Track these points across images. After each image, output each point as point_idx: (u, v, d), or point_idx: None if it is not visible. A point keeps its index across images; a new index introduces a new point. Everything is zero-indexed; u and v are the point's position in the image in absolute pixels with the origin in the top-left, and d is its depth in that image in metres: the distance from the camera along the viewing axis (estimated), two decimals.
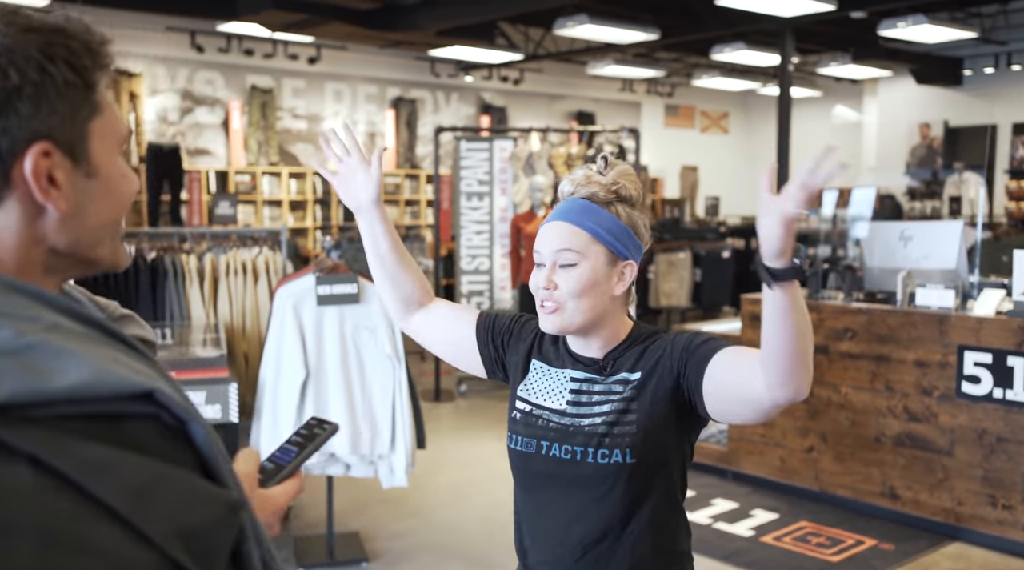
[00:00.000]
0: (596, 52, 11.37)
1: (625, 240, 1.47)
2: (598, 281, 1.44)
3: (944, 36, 9.81)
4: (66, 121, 0.79)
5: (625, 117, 14.55)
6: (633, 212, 1.49)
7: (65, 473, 0.61)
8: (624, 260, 1.47)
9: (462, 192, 7.11)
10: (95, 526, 0.61)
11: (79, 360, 0.66)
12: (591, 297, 1.44)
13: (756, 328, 4.87)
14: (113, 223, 0.85)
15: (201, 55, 10.14)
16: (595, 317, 1.46)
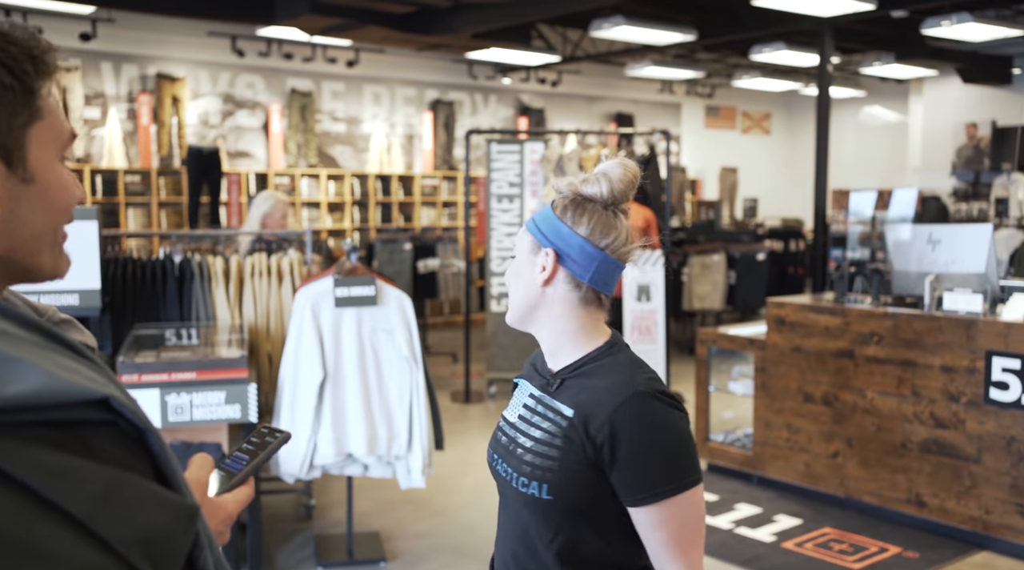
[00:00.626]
0: (635, 53, 11.33)
1: (548, 228, 1.42)
2: (520, 269, 1.45)
3: (991, 34, 9.59)
4: (2, 126, 0.78)
5: (665, 118, 14.47)
6: (581, 204, 1.41)
7: (20, 478, 0.60)
8: (544, 247, 1.41)
9: (493, 194, 7.15)
10: (49, 530, 0.60)
11: (29, 367, 0.65)
12: (516, 285, 1.46)
13: (782, 332, 4.83)
14: (51, 232, 0.85)
15: (242, 59, 10.31)
16: (527, 307, 1.45)
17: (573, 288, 1.43)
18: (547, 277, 1.42)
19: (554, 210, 1.44)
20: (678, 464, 1.33)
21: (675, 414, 1.36)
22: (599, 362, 1.40)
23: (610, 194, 1.41)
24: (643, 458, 1.32)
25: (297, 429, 3.58)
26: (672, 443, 1.33)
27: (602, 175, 1.42)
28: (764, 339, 4.94)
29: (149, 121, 9.73)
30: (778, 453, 4.87)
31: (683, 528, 1.33)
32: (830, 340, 4.61)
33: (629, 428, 1.32)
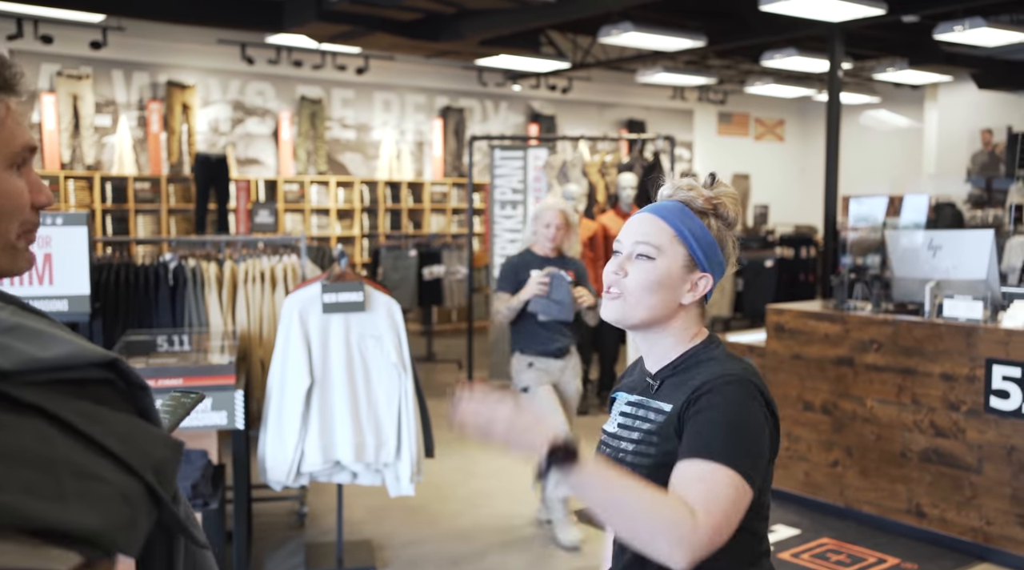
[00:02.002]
0: (646, 60, 11.29)
1: (709, 251, 1.44)
2: (670, 282, 1.42)
3: (1005, 39, 9.48)
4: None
5: (677, 125, 14.41)
6: (725, 230, 1.47)
7: (70, 421, 0.79)
8: (702, 271, 1.44)
9: (496, 200, 7.12)
10: (95, 460, 0.79)
11: (56, 338, 0.85)
12: (657, 295, 1.42)
13: (781, 339, 4.77)
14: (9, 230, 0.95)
15: (251, 67, 10.36)
16: (656, 318, 1.43)
17: (699, 307, 1.49)
18: (695, 299, 1.45)
19: (709, 229, 1.44)
20: (738, 446, 1.29)
21: (759, 407, 1.35)
22: (697, 358, 1.44)
23: (737, 221, 1.50)
24: (714, 424, 1.31)
25: (284, 436, 3.56)
26: (745, 428, 1.32)
27: (731, 202, 1.47)
28: (764, 346, 4.89)
29: (159, 128, 9.79)
30: (778, 462, 4.78)
31: (718, 496, 1.26)
32: (830, 347, 4.55)
33: (712, 396, 1.34)
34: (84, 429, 0.80)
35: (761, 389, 1.38)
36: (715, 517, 1.24)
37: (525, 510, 4.68)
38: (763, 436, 1.34)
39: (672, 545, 1.20)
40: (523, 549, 4.18)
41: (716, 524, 1.24)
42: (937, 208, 11.19)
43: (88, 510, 0.77)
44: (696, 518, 1.22)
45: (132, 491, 0.81)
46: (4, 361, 0.79)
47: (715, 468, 1.28)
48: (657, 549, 1.21)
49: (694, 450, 1.30)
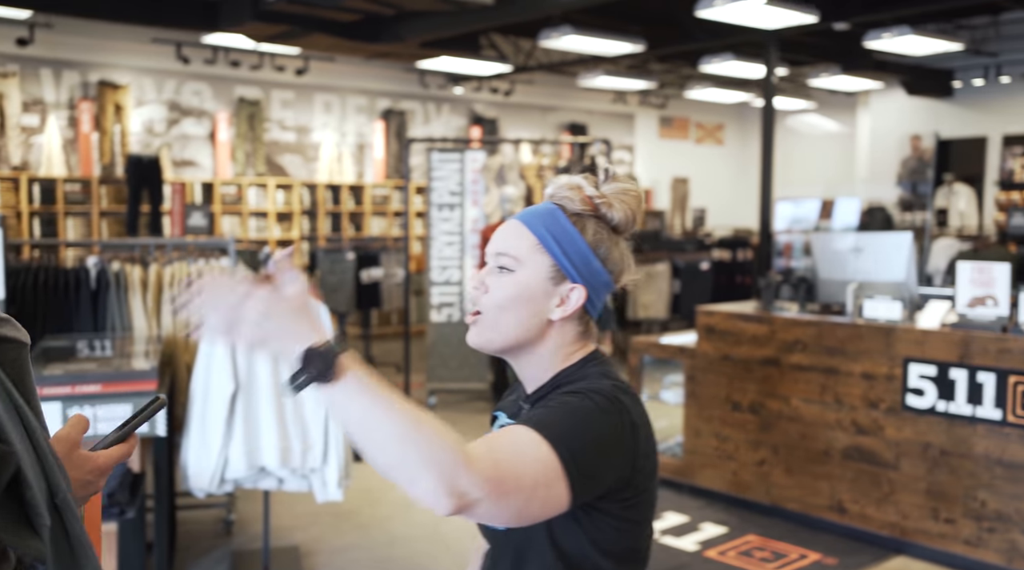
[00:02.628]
0: (587, 63, 11.38)
1: (579, 259, 1.24)
2: (531, 297, 1.23)
3: (931, 48, 9.76)
4: None
5: (619, 129, 14.55)
6: (607, 236, 1.27)
7: None
8: (572, 282, 1.24)
9: (433, 203, 7.12)
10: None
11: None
12: (517, 313, 1.23)
13: (711, 340, 4.85)
14: None
15: (187, 66, 10.19)
16: (520, 340, 1.25)
17: (579, 323, 1.28)
18: (566, 315, 1.25)
19: (583, 234, 1.25)
20: (576, 439, 1.12)
21: (618, 426, 1.17)
22: (570, 378, 1.26)
23: (632, 225, 1.30)
24: (554, 409, 1.16)
25: (208, 442, 3.51)
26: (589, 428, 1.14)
27: (620, 202, 1.27)
28: (694, 348, 4.96)
29: (91, 129, 9.58)
30: (707, 461, 4.88)
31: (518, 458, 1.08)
32: (757, 348, 4.63)
33: (565, 396, 1.19)
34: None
35: (629, 410, 1.19)
36: (501, 473, 1.03)
37: None
38: (609, 453, 1.15)
39: (438, 481, 0.98)
40: (455, 553, 4.18)
41: (498, 479, 1.02)
42: (868, 212, 11.47)
43: None
44: (475, 463, 1.01)
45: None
46: None
47: (533, 436, 1.10)
48: (420, 486, 0.99)
49: (521, 422, 1.15)
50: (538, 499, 1.08)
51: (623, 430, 1.17)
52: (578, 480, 1.11)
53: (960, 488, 3.88)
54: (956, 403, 3.87)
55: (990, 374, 3.78)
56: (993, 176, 12.04)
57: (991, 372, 3.78)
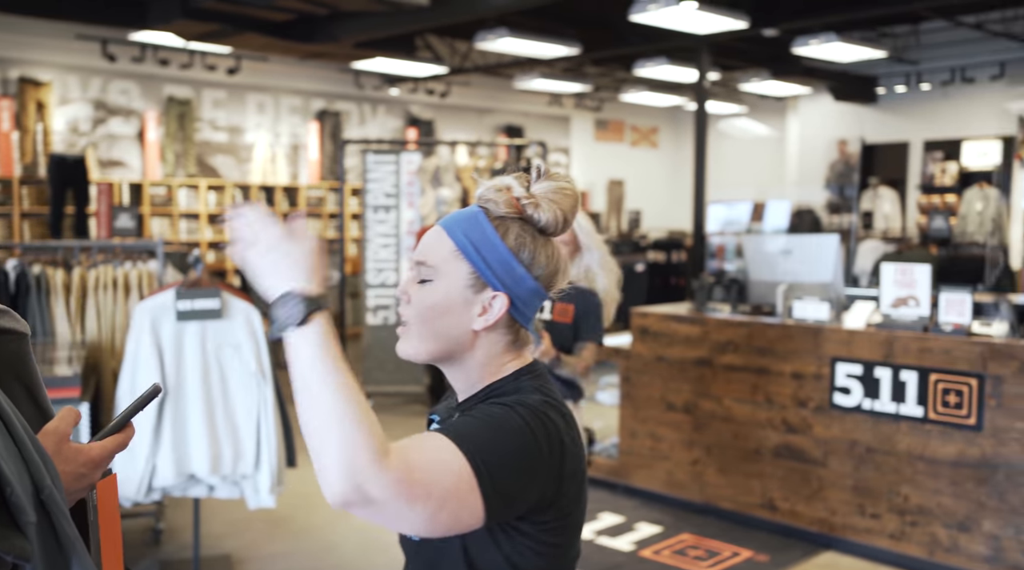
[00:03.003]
0: (523, 66, 11.41)
1: (500, 266, 1.19)
2: (450, 307, 1.19)
3: (856, 55, 10.04)
4: None
5: (555, 131, 14.62)
6: (532, 238, 1.21)
7: None
8: (494, 289, 1.19)
9: (369, 205, 7.06)
10: None
11: None
12: (438, 324, 1.19)
13: (645, 341, 4.90)
14: None
15: (114, 64, 9.93)
16: (445, 350, 1.21)
17: (508, 332, 1.23)
18: (489, 324, 1.20)
19: (504, 238, 1.20)
20: (493, 451, 1.09)
21: (541, 439, 1.12)
22: (502, 390, 1.21)
23: (563, 226, 1.23)
24: (473, 419, 1.14)
25: (134, 450, 3.42)
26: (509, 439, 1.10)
27: (553, 203, 1.21)
28: (629, 349, 5.00)
29: (11, 127, 9.26)
30: (642, 462, 4.93)
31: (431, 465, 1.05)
32: (690, 349, 4.69)
33: (488, 407, 1.17)
34: None
35: (557, 427, 1.15)
36: (413, 477, 1.01)
37: None
38: (531, 472, 1.11)
39: (343, 467, 0.98)
40: (390, 558, 4.15)
41: (408, 483, 1.00)
42: (798, 214, 11.74)
43: None
44: (388, 462, 0.99)
45: None
46: None
47: (451, 446, 1.07)
48: (326, 464, 0.99)
49: (443, 429, 1.12)
50: (448, 511, 1.04)
51: (548, 448, 1.13)
52: (493, 497, 1.07)
53: (885, 484, 3.99)
54: (881, 401, 3.98)
55: (912, 372, 3.89)
56: (915, 180, 12.43)
57: (913, 370, 3.89)
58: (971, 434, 3.75)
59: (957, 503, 3.80)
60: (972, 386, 3.73)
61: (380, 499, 0.99)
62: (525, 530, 1.15)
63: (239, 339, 3.58)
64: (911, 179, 12.47)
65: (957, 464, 3.79)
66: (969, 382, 3.74)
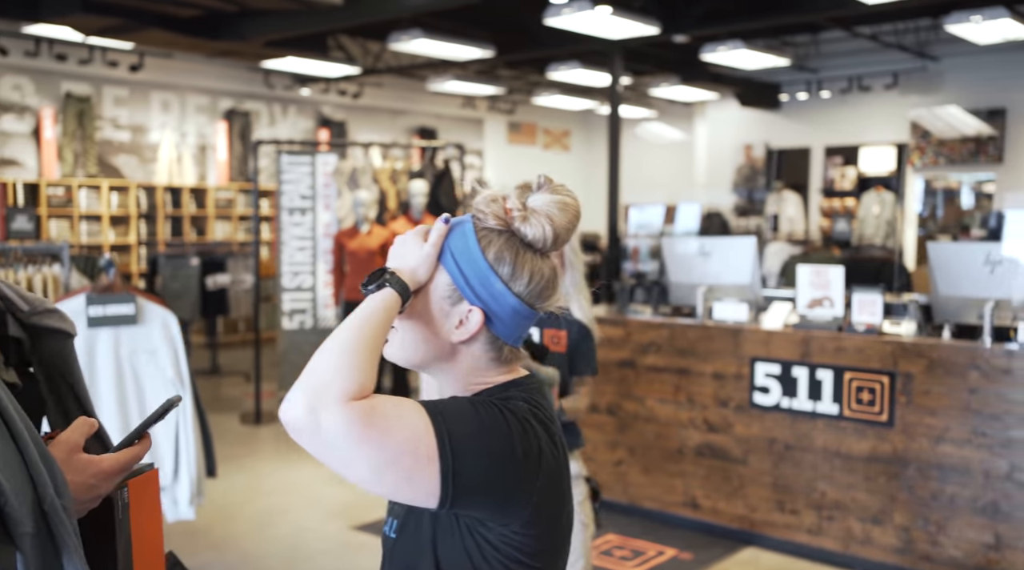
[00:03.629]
0: (437, 68, 11.36)
1: (477, 279, 1.16)
2: (429, 316, 1.17)
3: (761, 62, 10.35)
4: None
5: (468, 133, 14.61)
6: (516, 253, 1.17)
7: None
8: (470, 303, 1.16)
9: (284, 207, 6.90)
10: None
11: None
12: (419, 333, 1.18)
13: None
14: None
15: (5, 58, 9.46)
16: (426, 358, 1.20)
17: (491, 348, 1.19)
18: (464, 338, 1.17)
19: (484, 251, 1.16)
20: (459, 425, 1.08)
21: (509, 430, 1.11)
22: (490, 394, 1.19)
23: (552, 241, 1.18)
24: (458, 402, 1.14)
25: None
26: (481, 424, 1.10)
27: (545, 217, 1.18)
28: None
29: None
30: None
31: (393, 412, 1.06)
32: (614, 351, 4.74)
33: (474, 396, 1.17)
34: None
35: (538, 435, 1.14)
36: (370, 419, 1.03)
37: (314, 526, 4.55)
38: (500, 468, 1.10)
39: (310, 387, 1.04)
40: (317, 567, 4.06)
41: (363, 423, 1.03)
42: (707, 217, 12.03)
43: None
44: (353, 399, 1.04)
45: None
46: None
47: (422, 413, 1.08)
48: (300, 382, 1.05)
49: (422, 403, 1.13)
50: (399, 470, 1.05)
51: (523, 452, 1.11)
52: (450, 477, 1.06)
53: (803, 480, 4.11)
54: (798, 399, 4.10)
55: (828, 371, 4.02)
56: (817, 184, 12.87)
57: (829, 369, 4.02)
58: (883, 430, 3.89)
59: (870, 497, 3.94)
60: (884, 384, 3.87)
61: (330, 431, 1.02)
62: (492, 540, 1.14)
63: (155, 345, 3.45)
64: (813, 183, 12.91)
65: (870, 460, 3.94)
66: (881, 380, 3.88)
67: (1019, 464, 3.58)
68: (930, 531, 3.79)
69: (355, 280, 6.36)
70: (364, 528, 4.58)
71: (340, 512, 4.82)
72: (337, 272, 6.51)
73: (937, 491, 3.77)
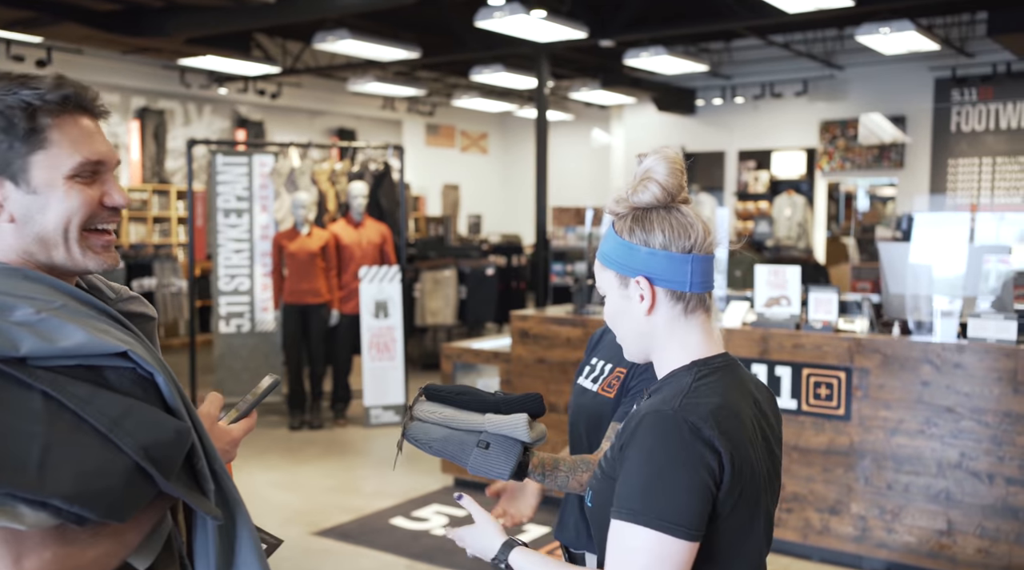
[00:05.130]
0: (356, 68, 11.24)
1: (623, 255, 1.33)
2: (619, 308, 1.36)
3: (680, 68, 10.63)
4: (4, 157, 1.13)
5: (386, 135, 14.50)
6: (643, 220, 1.32)
7: (63, 401, 0.99)
8: (631, 278, 1.33)
9: (219, 209, 6.72)
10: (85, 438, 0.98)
11: (75, 330, 1.03)
12: (623, 327, 1.37)
13: (526, 344, 4.96)
14: (60, 230, 1.14)
15: None
16: (641, 344, 1.36)
17: (677, 301, 1.33)
18: (649, 305, 1.33)
19: (620, 235, 1.34)
20: (655, 498, 1.18)
21: (685, 452, 1.20)
22: (668, 381, 1.33)
23: (664, 194, 1.33)
24: (632, 473, 1.22)
25: None
26: (663, 476, 1.19)
27: (647, 178, 1.33)
28: (509, 352, 5.05)
29: None
30: None
31: (628, 563, 1.20)
32: (572, 351, 4.80)
33: (637, 441, 1.24)
34: (75, 408, 0.98)
35: (697, 427, 1.22)
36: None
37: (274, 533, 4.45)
38: (687, 479, 1.19)
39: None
40: None
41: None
42: None
43: (61, 480, 0.93)
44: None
45: (115, 466, 0.97)
46: (17, 348, 0.98)
47: (630, 529, 1.20)
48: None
49: (614, 510, 1.23)
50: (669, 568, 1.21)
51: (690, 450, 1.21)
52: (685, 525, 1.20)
53: None
54: None
55: (786, 368, 4.17)
56: (731, 187, 13.29)
57: (787, 366, 4.17)
58: (840, 423, 4.06)
59: (828, 488, 4.11)
60: (841, 379, 4.04)
61: None
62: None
63: None
64: (728, 186, 13.31)
65: (828, 452, 4.10)
66: (838, 375, 4.05)
67: (969, 453, 3.79)
68: (886, 519, 3.98)
69: (295, 283, 6.25)
70: (324, 533, 4.51)
71: (295, 518, 4.73)
72: (276, 275, 6.38)
73: (892, 481, 3.96)
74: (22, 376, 0.97)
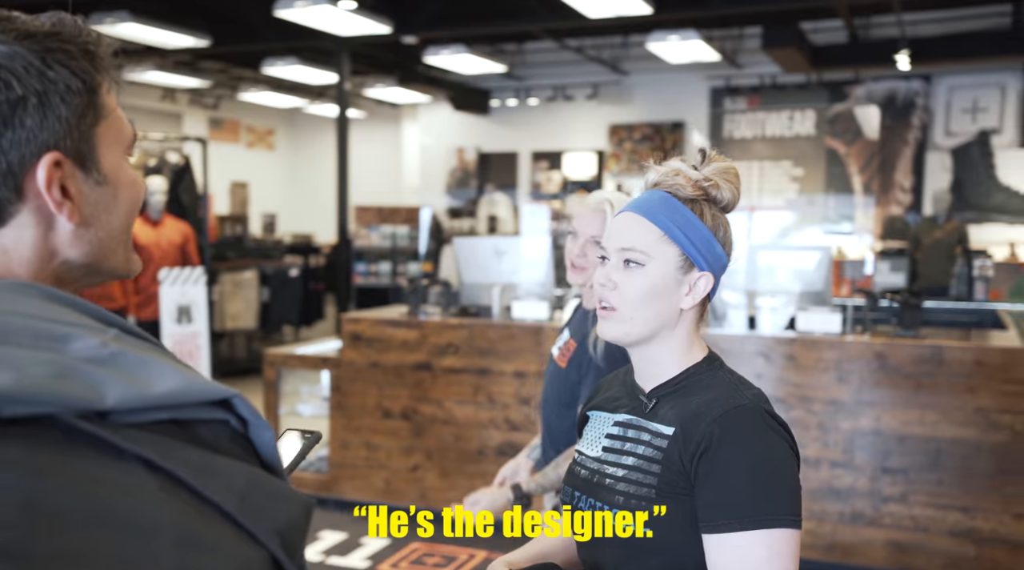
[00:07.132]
0: (133, 56, 10.36)
1: (704, 246, 1.27)
2: (665, 288, 1.26)
3: (480, 68, 10.69)
4: (72, 129, 0.79)
5: (165, 128, 13.52)
6: (720, 216, 1.30)
7: (178, 475, 0.65)
8: (700, 270, 1.27)
9: None
10: (214, 526, 0.65)
11: (164, 368, 0.69)
12: (654, 306, 1.26)
13: (358, 348, 4.73)
14: (124, 231, 0.87)
15: None
16: (653, 331, 1.28)
17: (701, 308, 1.32)
18: (693, 304, 1.28)
19: (702, 219, 1.27)
20: (773, 496, 1.14)
21: (782, 441, 1.20)
22: (698, 377, 1.28)
23: (736, 202, 1.32)
24: (734, 477, 1.15)
25: None
26: (774, 470, 1.16)
27: (725, 181, 1.29)
28: (339, 357, 4.80)
29: None
30: (356, 473, 4.76)
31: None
32: (408, 354, 4.63)
33: (728, 440, 1.17)
34: (195, 486, 0.65)
35: (776, 416, 1.24)
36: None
37: None
38: (794, 471, 1.20)
39: None
40: None
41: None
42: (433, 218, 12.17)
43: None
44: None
45: (252, 563, 0.67)
46: (102, 398, 0.64)
47: (752, 538, 1.13)
48: None
49: (719, 524, 1.14)
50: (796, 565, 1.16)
51: (782, 439, 1.22)
52: (799, 513, 1.17)
53: None
54: None
55: None
56: (525, 187, 13.54)
57: None
58: None
59: None
60: None
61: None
62: None
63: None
64: (521, 186, 13.55)
65: None
66: None
67: (801, 441, 4.01)
68: None
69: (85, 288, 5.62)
70: None
71: None
72: None
73: None
74: (116, 440, 0.63)
